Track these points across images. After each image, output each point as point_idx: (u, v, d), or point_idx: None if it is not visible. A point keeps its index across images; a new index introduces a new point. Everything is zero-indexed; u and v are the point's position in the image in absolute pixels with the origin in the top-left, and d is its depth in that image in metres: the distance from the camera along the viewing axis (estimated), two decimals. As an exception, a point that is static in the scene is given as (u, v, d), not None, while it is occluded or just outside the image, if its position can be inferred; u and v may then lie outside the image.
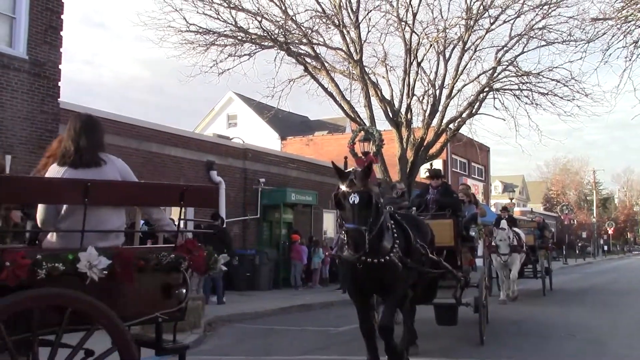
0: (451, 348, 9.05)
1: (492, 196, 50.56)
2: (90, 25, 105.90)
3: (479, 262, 11.21)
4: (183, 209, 4.22)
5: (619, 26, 14.04)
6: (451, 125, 23.53)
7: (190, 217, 11.68)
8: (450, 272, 8.51)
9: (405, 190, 10.75)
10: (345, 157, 19.31)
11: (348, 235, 5.95)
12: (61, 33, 13.76)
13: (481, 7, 21.39)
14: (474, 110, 23.24)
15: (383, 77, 23.02)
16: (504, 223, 15.31)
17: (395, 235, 6.56)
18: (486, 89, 22.80)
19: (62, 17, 13.79)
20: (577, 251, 56.84)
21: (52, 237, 3.88)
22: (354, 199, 5.84)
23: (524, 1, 21.23)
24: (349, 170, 6.30)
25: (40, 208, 3.93)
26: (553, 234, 49.90)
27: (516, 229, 16.35)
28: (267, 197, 20.43)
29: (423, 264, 7.34)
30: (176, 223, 4.30)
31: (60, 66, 13.69)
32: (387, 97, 22.56)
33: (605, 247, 70.70)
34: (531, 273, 18.42)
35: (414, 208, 9.60)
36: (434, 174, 10.06)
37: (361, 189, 5.91)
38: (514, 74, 22.86)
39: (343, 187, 5.98)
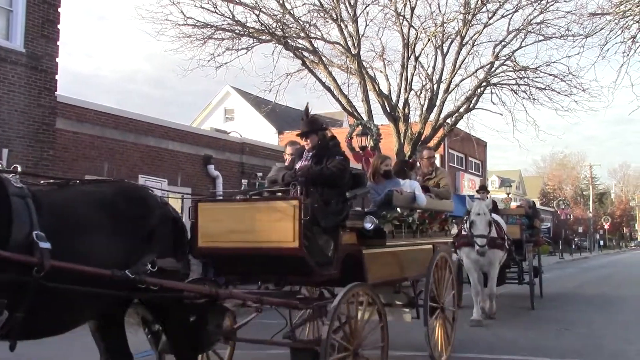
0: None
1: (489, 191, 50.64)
2: (92, 17, 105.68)
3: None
4: None
5: (616, 21, 14.08)
6: (448, 120, 23.54)
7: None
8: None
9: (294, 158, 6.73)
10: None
11: None
12: (58, 26, 13.71)
13: (479, 1, 21.36)
14: (471, 105, 23.25)
15: (381, 72, 23.03)
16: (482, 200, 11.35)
17: None
18: (484, 84, 22.81)
19: (59, 10, 13.74)
20: (573, 246, 56.98)
21: None
22: None
23: (522, -4, 21.24)
24: None
25: None
26: (550, 227, 49.59)
27: (495, 216, 11.54)
28: (264, 191, 20.37)
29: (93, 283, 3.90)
30: None
31: (57, 59, 13.65)
32: (385, 91, 22.57)
33: (602, 242, 70.89)
34: (515, 277, 14.07)
35: (260, 181, 6.28)
36: (304, 128, 6.29)
37: None
38: (512, 69, 22.86)
39: None
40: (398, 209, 6.58)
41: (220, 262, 5.80)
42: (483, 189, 13.50)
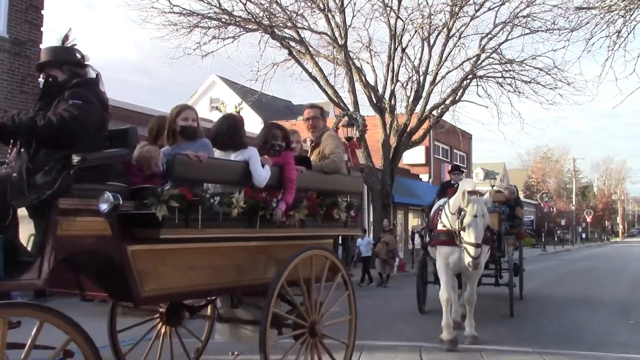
0: (431, 332, 9.10)
1: (463, 171, 50.92)
2: (79, 4, 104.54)
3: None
4: None
5: (602, 15, 14.12)
6: (434, 112, 23.63)
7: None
8: None
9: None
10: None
11: None
12: (42, 12, 13.56)
13: (466, -7, 21.43)
14: (457, 97, 23.34)
15: (367, 63, 23.05)
16: (468, 183, 7.93)
17: None
18: (470, 76, 22.89)
19: (43, -5, 13.59)
20: (556, 238, 57.56)
21: None
22: None
23: (508, -12, 21.33)
24: None
25: None
26: (533, 219, 49.47)
27: None
28: (249, 181, 20.33)
29: None
30: None
31: (41, 45, 13.50)
32: (371, 82, 22.59)
33: (584, 235, 71.62)
34: (492, 275, 11.55)
35: None
36: (43, 57, 4.10)
37: None
38: (498, 62, 22.98)
39: None
40: (212, 187, 4.63)
41: None
42: (457, 169, 10.79)
